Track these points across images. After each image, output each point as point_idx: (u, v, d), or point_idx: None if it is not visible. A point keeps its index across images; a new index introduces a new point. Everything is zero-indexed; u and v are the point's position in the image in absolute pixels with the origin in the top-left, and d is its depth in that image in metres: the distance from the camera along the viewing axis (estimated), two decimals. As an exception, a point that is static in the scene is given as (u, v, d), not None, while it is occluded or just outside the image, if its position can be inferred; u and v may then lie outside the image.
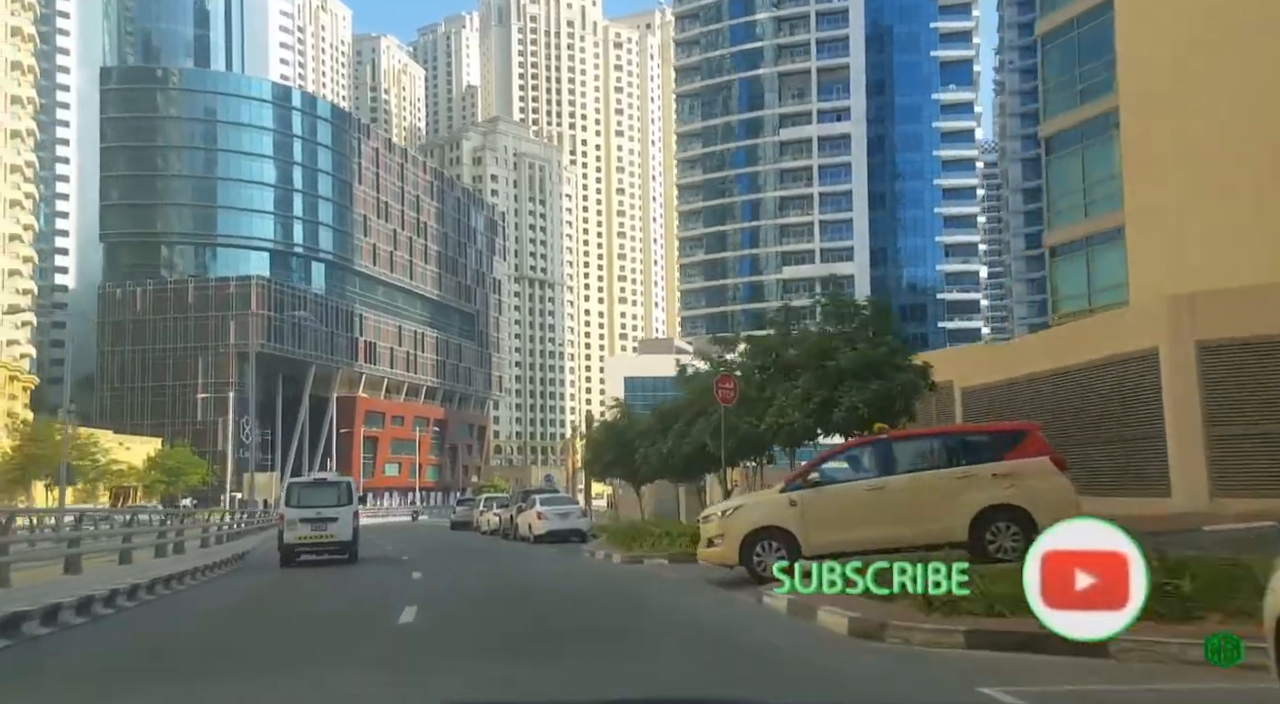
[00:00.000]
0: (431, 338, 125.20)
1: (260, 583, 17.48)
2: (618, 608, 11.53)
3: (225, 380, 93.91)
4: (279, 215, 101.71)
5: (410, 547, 29.00)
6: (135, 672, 7.83)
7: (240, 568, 21.00)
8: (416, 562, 21.22)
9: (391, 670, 7.31)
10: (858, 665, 7.19)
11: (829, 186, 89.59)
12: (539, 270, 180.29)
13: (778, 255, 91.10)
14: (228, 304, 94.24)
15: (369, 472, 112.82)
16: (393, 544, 30.33)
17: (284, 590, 16.03)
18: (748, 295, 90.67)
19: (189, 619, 12.08)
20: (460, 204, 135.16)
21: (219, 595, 14.89)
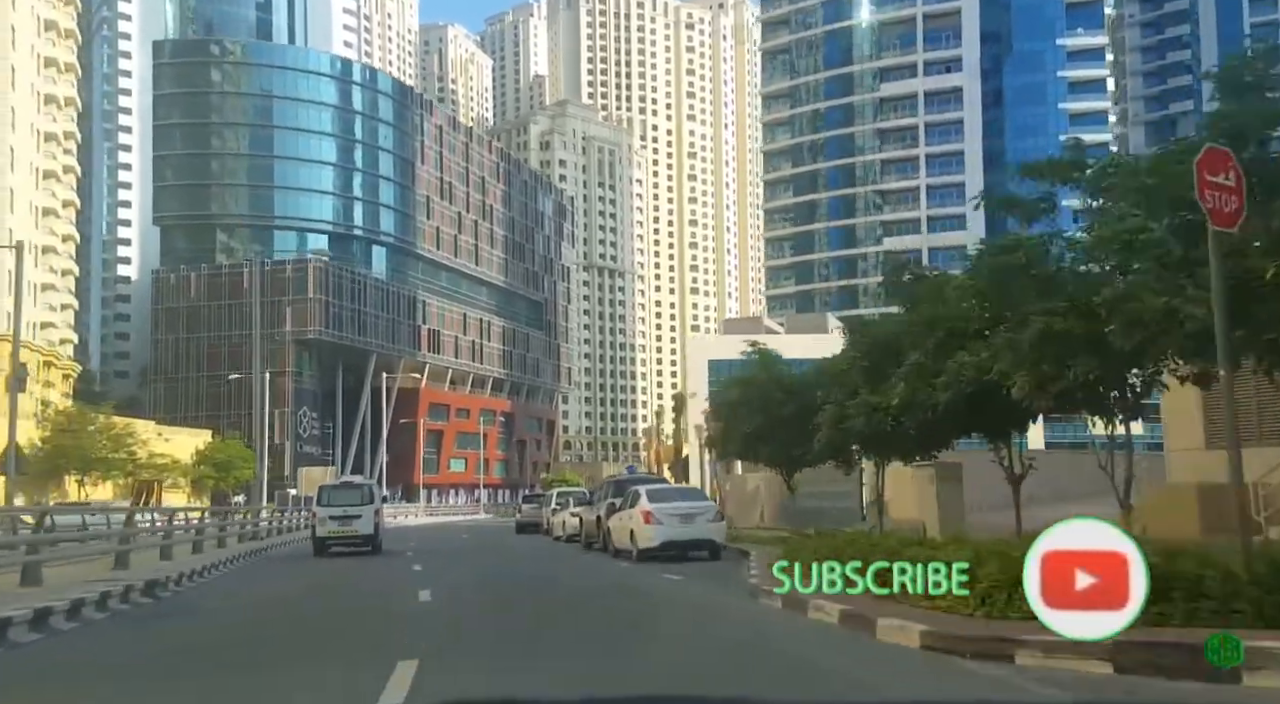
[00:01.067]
0: (498, 327, 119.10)
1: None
2: None
3: (282, 370, 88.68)
4: (339, 196, 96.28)
5: (448, 566, 20.09)
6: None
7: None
8: (429, 615, 11.78)
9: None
10: None
11: (937, 146, 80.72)
12: (608, 258, 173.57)
13: (877, 225, 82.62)
14: (284, 288, 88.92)
15: (433, 468, 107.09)
16: (426, 558, 22.18)
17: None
18: (840, 271, 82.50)
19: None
20: (527, 187, 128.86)
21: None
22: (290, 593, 15.25)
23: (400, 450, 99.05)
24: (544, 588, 14.80)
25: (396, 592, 14.76)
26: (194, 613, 12.60)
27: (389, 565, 20.72)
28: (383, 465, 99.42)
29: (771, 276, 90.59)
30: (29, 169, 57.85)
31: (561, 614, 11.22)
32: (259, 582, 18.03)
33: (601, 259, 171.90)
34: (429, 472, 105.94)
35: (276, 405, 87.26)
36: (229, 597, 14.80)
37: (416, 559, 21.70)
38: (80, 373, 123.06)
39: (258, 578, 18.93)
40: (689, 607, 12.06)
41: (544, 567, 19.95)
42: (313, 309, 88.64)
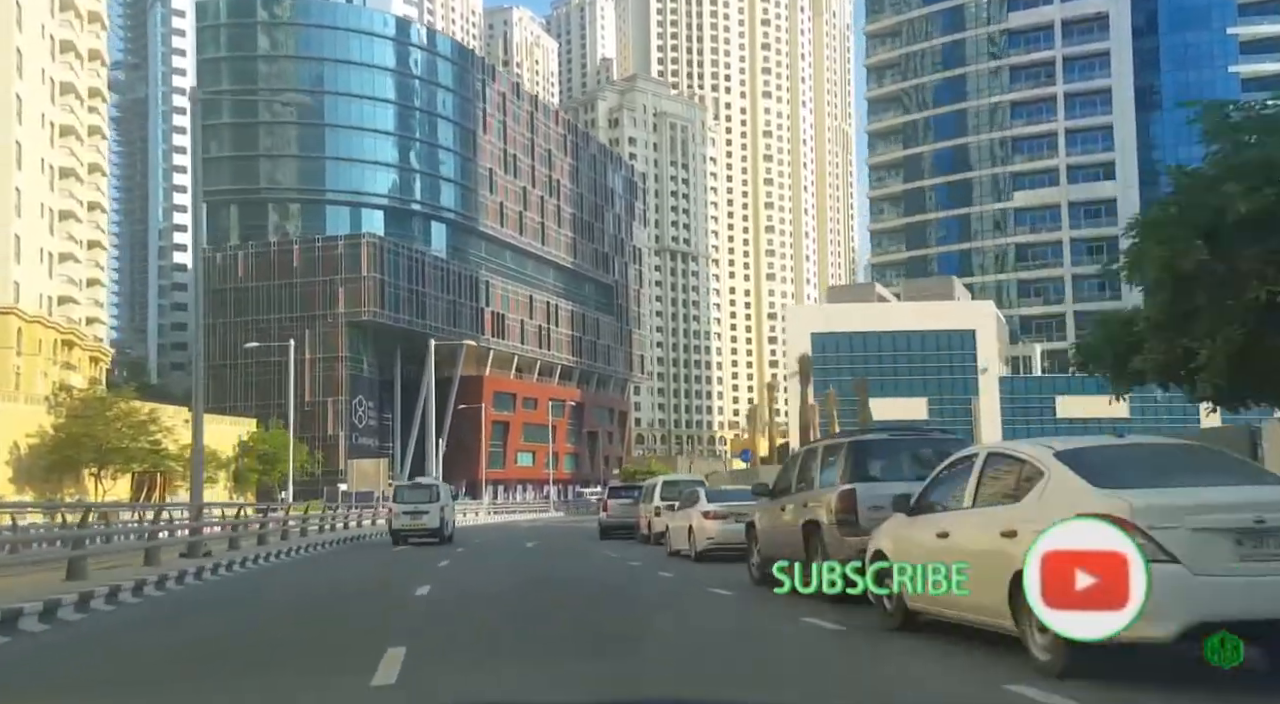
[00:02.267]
0: (566, 310, 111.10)
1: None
2: None
3: (335, 355, 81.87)
4: (396, 169, 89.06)
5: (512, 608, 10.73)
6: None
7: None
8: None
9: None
10: None
11: (1078, 84, 69.97)
12: (681, 241, 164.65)
13: (1006, 178, 72.21)
14: (336, 267, 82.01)
15: (498, 462, 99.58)
16: (438, 604, 11.58)
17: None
18: (956, 233, 72.44)
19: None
20: (596, 162, 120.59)
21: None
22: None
23: (463, 443, 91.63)
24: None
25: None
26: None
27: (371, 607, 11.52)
28: (442, 459, 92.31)
29: (876, 242, 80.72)
30: (39, 121, 51.21)
31: None
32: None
33: (674, 242, 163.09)
34: (494, 466, 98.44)
35: (330, 394, 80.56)
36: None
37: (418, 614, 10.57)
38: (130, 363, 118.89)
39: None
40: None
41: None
42: (367, 289, 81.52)
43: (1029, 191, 71.25)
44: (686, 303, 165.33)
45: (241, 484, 63.74)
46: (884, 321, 57.24)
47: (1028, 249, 72.64)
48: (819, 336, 57.52)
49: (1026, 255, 72.54)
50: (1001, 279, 70.16)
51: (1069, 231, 71.43)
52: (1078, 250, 70.33)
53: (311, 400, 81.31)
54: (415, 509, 26.81)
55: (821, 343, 57.21)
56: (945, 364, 56.54)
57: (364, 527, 37.32)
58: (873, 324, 56.76)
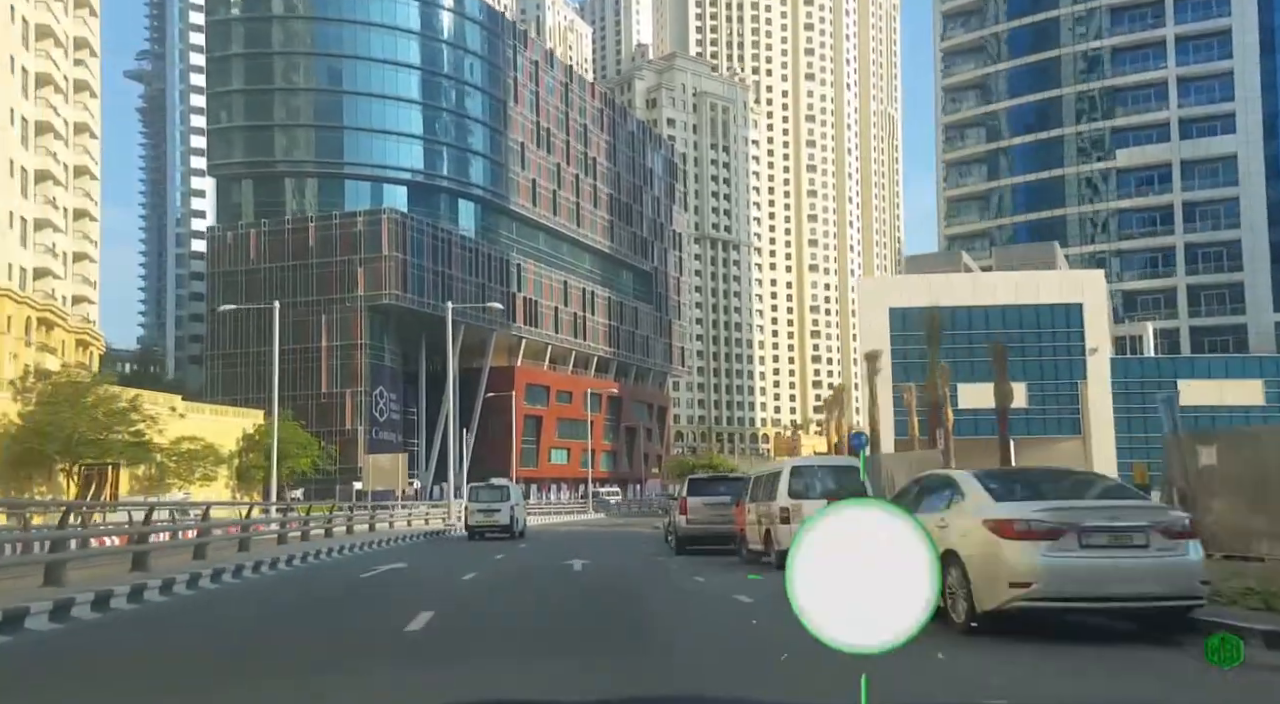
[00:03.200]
0: (603, 298, 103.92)
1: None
2: None
3: (354, 341, 75.20)
4: (420, 141, 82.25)
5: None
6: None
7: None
8: None
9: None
10: None
11: (1192, 25, 61.42)
12: (722, 229, 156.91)
13: (1106, 134, 63.82)
14: (354, 245, 75.31)
15: (531, 459, 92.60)
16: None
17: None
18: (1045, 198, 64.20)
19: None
20: (634, 140, 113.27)
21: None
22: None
23: (493, 438, 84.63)
24: None
25: None
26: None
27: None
28: (470, 456, 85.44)
29: (953, 210, 72.40)
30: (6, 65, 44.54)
31: None
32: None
33: (715, 230, 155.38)
34: (527, 464, 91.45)
35: (348, 384, 73.92)
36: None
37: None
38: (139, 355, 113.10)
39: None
40: None
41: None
42: (388, 269, 74.78)
43: (1134, 150, 62.90)
44: (727, 294, 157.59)
45: (246, 482, 57.07)
46: (974, 295, 49.38)
47: (1132, 215, 64.31)
48: (898, 313, 49.74)
49: (1130, 222, 64.21)
50: (1100, 250, 61.89)
51: (1181, 194, 62.97)
52: (1191, 215, 61.99)
53: (328, 391, 74.74)
54: (489, 507, 30.12)
55: (902, 319, 49.43)
56: (1047, 343, 48.59)
57: (377, 529, 30.87)
58: (961, 298, 48.93)
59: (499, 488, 31.45)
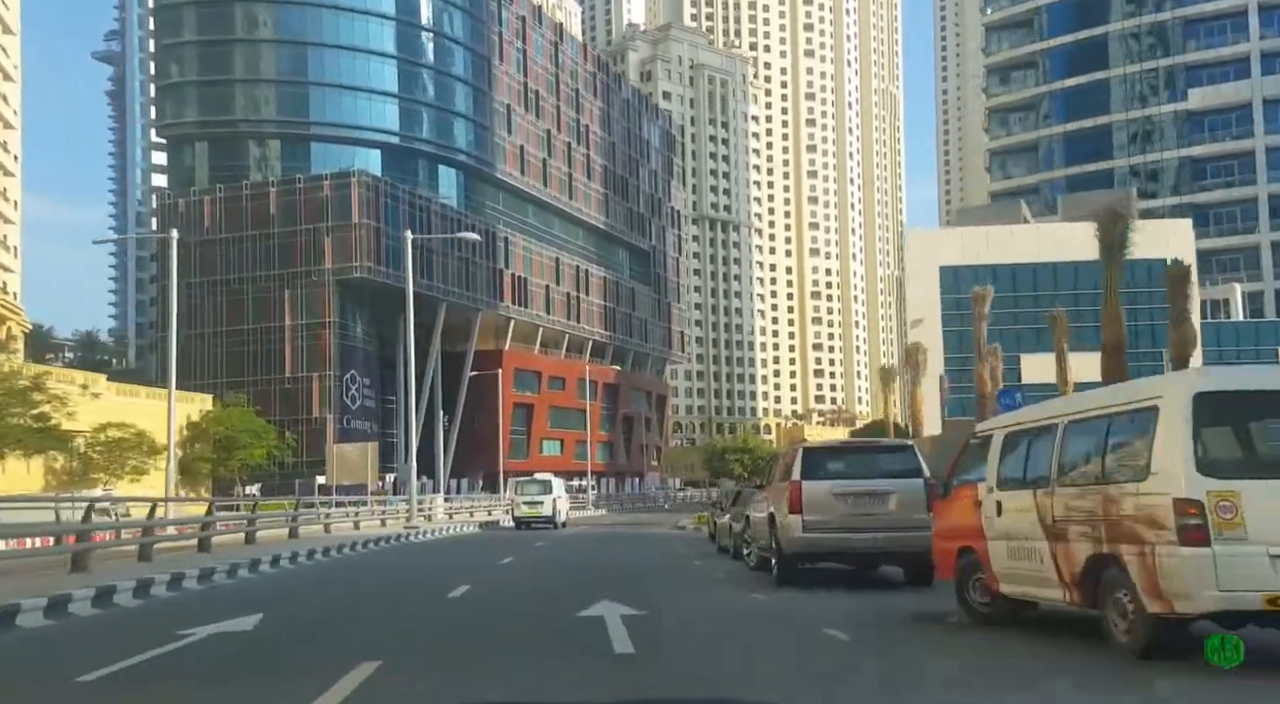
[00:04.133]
0: (598, 277, 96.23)
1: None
2: None
3: (322, 320, 67.36)
4: (397, 98, 74.33)
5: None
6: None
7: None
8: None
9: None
10: None
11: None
12: (721, 209, 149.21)
13: (1178, 72, 56.15)
14: (321, 212, 67.42)
15: (520, 451, 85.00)
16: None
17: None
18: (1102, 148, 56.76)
19: None
20: (630, 108, 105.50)
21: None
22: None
23: (479, 428, 76.96)
24: None
25: None
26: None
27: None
28: (454, 448, 77.78)
29: (999, 163, 64.52)
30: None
31: None
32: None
33: (713, 210, 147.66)
34: (516, 455, 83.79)
35: (315, 367, 66.14)
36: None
37: None
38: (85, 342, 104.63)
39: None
40: None
41: None
42: (359, 239, 66.94)
43: (1208, 89, 55.49)
44: (727, 277, 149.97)
45: (190, 477, 49.24)
46: (1039, 249, 41.94)
47: (1206, 164, 56.88)
48: (951, 272, 42.27)
49: (1204, 172, 56.77)
50: (1170, 204, 54.49)
51: (1265, 137, 55.50)
52: (1277, 162, 54.58)
53: (293, 376, 66.87)
54: (533, 501, 32.92)
55: (955, 279, 41.95)
56: (1126, 307, 41.16)
57: (340, 530, 23.53)
58: (1024, 253, 41.52)
59: (542, 482, 34.47)
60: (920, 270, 43.84)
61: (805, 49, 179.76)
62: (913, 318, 42.07)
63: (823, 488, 11.34)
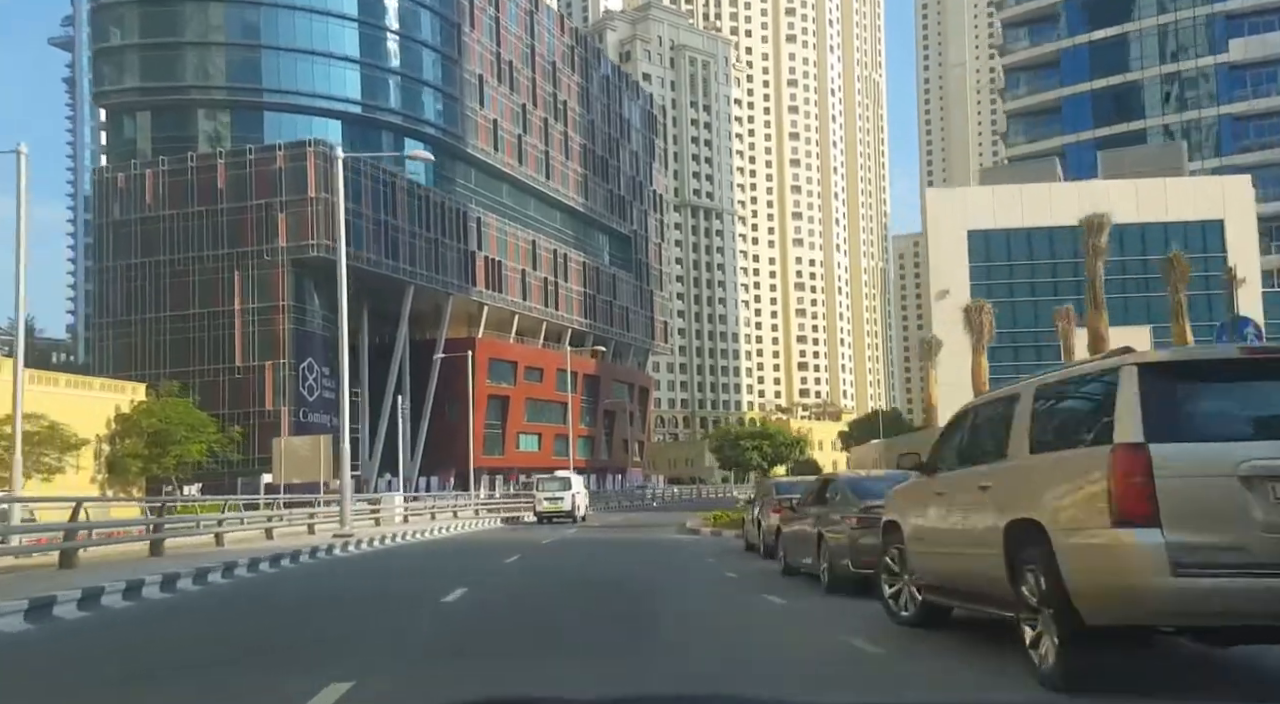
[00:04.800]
0: (577, 262, 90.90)
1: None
2: None
3: (275, 304, 61.59)
4: (359, 65, 68.61)
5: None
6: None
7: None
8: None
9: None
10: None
11: None
12: (704, 195, 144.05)
13: (1218, 22, 51.36)
14: (273, 186, 61.64)
15: (495, 447, 79.60)
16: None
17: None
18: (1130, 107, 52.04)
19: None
20: (609, 86, 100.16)
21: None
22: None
23: (451, 422, 71.36)
24: None
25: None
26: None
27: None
28: (423, 443, 72.29)
29: (1015, 128, 59.36)
30: None
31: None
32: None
33: (695, 196, 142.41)
34: (490, 451, 78.42)
35: (268, 355, 60.46)
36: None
37: None
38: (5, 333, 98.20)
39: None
40: None
41: None
42: (316, 215, 61.19)
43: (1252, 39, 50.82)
44: (710, 266, 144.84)
45: (119, 475, 43.44)
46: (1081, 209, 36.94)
47: (1248, 123, 52.24)
48: (981, 237, 37.28)
49: (1247, 131, 52.10)
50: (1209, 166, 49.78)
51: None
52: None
53: (243, 365, 61.03)
54: (554, 496, 35.76)
55: (984, 245, 37.02)
56: (1185, 275, 36.28)
57: (241, 541, 18.24)
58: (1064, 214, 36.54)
59: (562, 479, 36.99)
60: (943, 235, 38.78)
61: (787, 34, 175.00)
62: (936, 289, 37.02)
63: (1215, 461, 4.70)
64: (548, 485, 36.71)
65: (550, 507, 35.49)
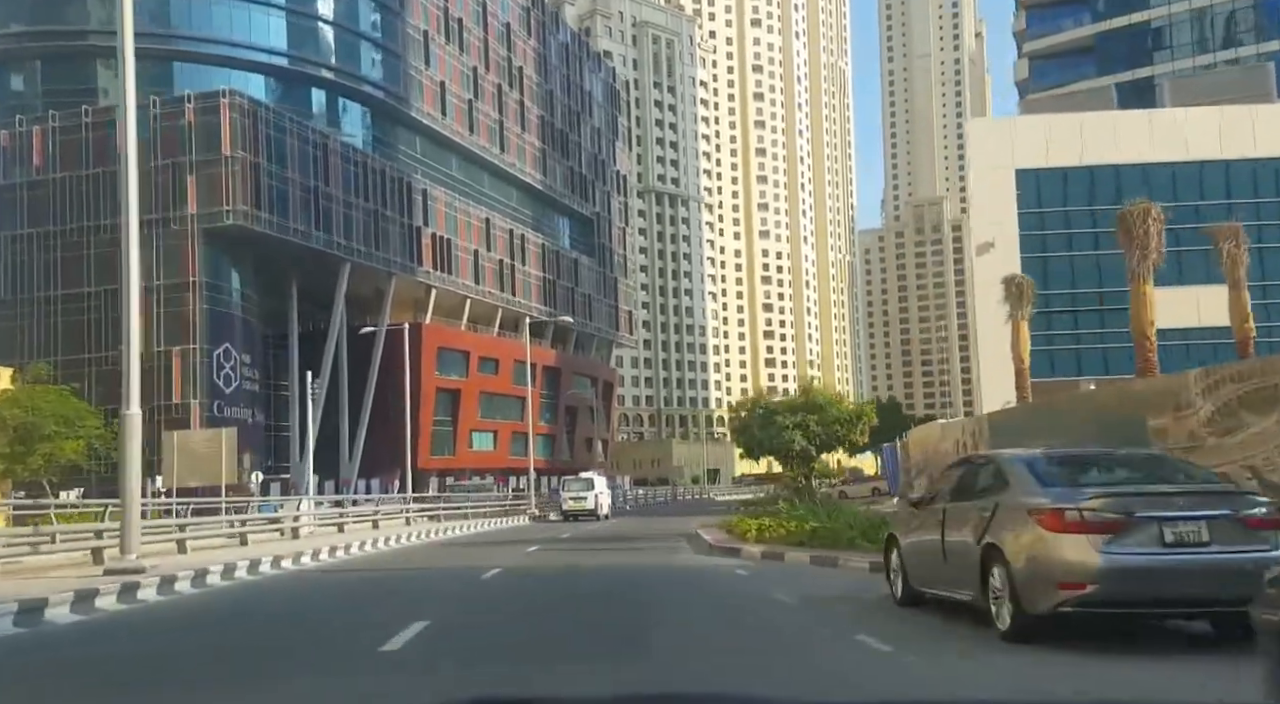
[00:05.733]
0: (535, 244, 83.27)
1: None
2: None
3: (183, 280, 53.25)
4: (285, 11, 60.41)
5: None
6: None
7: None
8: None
9: None
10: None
11: None
12: (668, 181, 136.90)
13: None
14: (181, 144, 53.29)
15: (445, 445, 71.77)
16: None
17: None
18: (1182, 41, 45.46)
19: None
20: (570, 54, 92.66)
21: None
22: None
23: (395, 418, 63.11)
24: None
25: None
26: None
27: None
28: (363, 442, 64.26)
29: (1040, 72, 52.46)
30: None
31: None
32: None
33: (660, 182, 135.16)
34: (439, 451, 70.61)
35: (176, 340, 52.13)
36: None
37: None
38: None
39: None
40: None
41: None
42: (231, 177, 52.91)
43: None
44: (676, 256, 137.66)
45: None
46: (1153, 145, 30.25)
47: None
48: (1032, 177, 30.47)
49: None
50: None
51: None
52: None
53: (147, 350, 52.35)
54: (579, 496, 38.31)
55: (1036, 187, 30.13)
56: (1273, 222, 29.76)
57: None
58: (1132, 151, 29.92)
59: (586, 480, 40.62)
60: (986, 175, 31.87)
61: (751, 18, 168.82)
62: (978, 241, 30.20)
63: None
64: (572, 486, 39.71)
65: (575, 505, 38.17)
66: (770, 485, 57.96)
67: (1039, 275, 30.43)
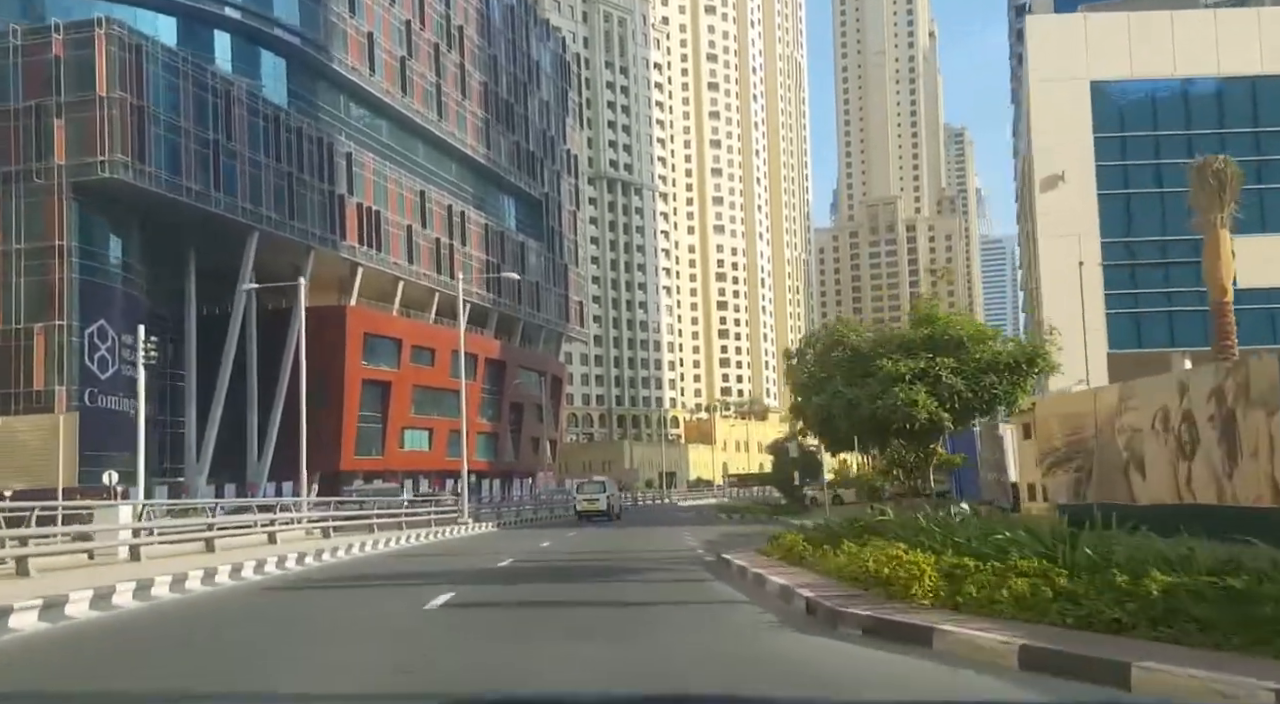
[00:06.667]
0: (477, 223, 75.37)
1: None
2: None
3: (48, 244, 44.55)
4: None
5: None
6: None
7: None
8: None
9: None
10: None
11: None
12: (620, 167, 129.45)
13: None
14: (47, 82, 44.58)
15: (373, 445, 63.49)
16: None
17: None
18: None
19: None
20: (514, 18, 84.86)
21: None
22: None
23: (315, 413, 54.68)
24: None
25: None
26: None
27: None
28: (273, 441, 55.86)
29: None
30: None
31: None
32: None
33: (613, 168, 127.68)
34: (366, 451, 62.32)
35: (39, 316, 43.37)
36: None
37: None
38: None
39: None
40: None
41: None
42: (110, 122, 44.32)
43: None
44: (629, 247, 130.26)
45: None
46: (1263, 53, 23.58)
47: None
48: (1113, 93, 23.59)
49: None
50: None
51: None
52: None
53: (3, 327, 43.64)
54: (591, 497, 41.02)
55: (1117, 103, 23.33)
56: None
57: None
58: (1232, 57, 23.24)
59: (599, 483, 43.14)
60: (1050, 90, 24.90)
61: (706, 5, 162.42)
62: (1042, 175, 23.24)
63: None
64: (586, 489, 42.58)
65: (589, 507, 40.41)
66: (755, 488, 50.98)
67: (1119, 215, 23.55)
